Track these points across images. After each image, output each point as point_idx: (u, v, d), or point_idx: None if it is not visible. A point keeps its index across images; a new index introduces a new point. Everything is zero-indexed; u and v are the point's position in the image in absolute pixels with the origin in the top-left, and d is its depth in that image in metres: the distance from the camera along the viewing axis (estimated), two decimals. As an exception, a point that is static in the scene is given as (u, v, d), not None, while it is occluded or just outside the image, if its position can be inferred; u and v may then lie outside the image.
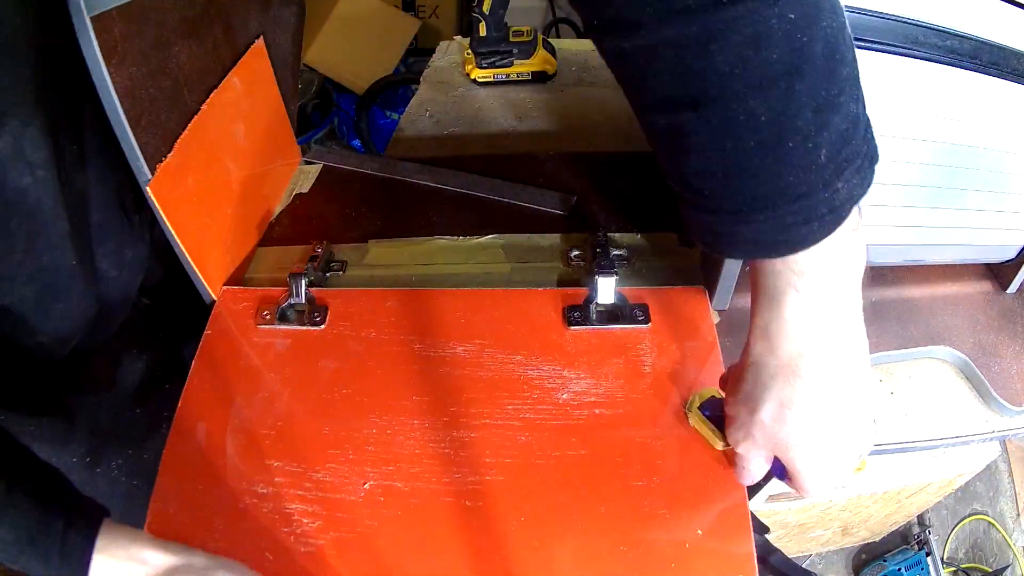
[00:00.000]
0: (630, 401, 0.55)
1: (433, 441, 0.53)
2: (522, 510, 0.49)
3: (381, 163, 0.92)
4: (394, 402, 0.56)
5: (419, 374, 0.57)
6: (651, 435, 0.53)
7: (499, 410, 0.55)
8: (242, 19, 0.68)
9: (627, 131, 1.02)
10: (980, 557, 1.16)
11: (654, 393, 0.56)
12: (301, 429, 0.54)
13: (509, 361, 0.58)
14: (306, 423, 0.54)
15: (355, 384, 0.57)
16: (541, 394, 0.56)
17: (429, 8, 2.25)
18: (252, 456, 0.52)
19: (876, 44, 0.50)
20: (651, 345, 0.60)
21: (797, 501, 0.86)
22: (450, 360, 0.58)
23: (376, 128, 1.98)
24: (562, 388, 0.56)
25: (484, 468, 0.51)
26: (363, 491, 0.50)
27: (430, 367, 0.58)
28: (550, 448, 0.52)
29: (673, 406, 0.55)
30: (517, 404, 0.55)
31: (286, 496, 0.50)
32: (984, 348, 0.68)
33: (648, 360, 0.58)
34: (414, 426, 0.54)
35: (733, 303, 0.70)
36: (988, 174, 0.61)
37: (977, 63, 0.53)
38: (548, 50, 1.14)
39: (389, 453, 0.52)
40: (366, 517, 0.49)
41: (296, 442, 0.53)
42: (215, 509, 0.50)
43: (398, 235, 0.81)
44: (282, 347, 0.60)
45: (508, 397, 0.56)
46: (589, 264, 0.69)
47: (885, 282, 0.74)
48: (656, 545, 0.48)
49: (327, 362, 0.59)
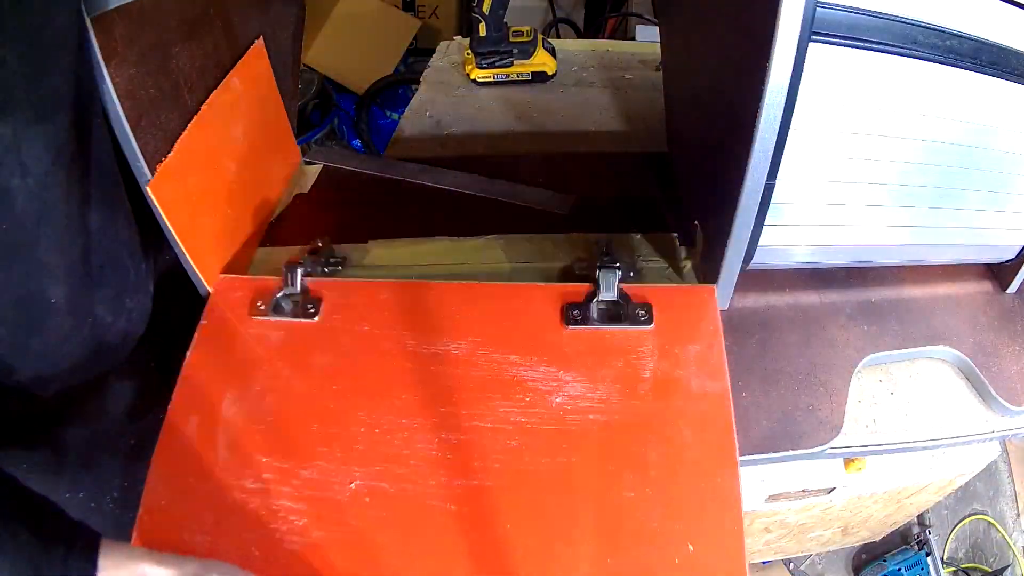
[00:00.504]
0: (627, 407, 0.54)
1: (422, 442, 0.53)
2: (508, 517, 0.48)
3: (381, 163, 0.92)
4: (385, 400, 0.55)
5: (411, 372, 0.57)
6: (646, 444, 0.52)
7: (490, 412, 0.54)
8: (242, 20, 0.68)
9: (627, 131, 1.02)
10: (980, 557, 1.16)
11: (653, 399, 0.55)
12: (291, 425, 0.54)
13: (503, 361, 0.57)
14: (296, 419, 0.54)
15: (346, 380, 0.57)
16: (534, 397, 0.55)
17: (429, 8, 2.25)
18: (242, 450, 0.52)
19: (876, 44, 0.50)
20: (653, 348, 0.58)
21: (797, 501, 0.86)
22: (443, 358, 0.58)
23: (376, 128, 1.98)
24: (556, 391, 0.55)
25: (472, 472, 0.51)
26: (349, 491, 0.50)
27: (422, 365, 0.57)
28: (540, 454, 0.52)
29: (672, 413, 0.54)
30: (509, 406, 0.54)
31: (274, 492, 0.50)
32: (984, 348, 0.68)
33: (649, 364, 0.57)
34: (403, 425, 0.54)
35: (733, 303, 0.70)
36: (988, 174, 0.61)
37: (977, 63, 0.53)
38: (548, 50, 1.14)
39: (377, 453, 0.52)
40: (352, 517, 0.49)
41: (286, 438, 0.53)
42: (205, 503, 0.50)
43: (398, 235, 0.81)
44: (275, 339, 0.60)
45: (500, 399, 0.55)
46: (591, 263, 0.68)
47: (885, 282, 0.74)
48: (645, 560, 0.47)
49: (319, 356, 0.58)
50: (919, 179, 0.60)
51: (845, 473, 0.81)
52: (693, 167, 0.77)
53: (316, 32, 2.03)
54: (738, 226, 0.58)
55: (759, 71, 0.48)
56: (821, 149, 0.56)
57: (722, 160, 0.62)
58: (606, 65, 1.19)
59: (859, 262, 0.72)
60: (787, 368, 0.66)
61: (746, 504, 0.83)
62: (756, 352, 0.67)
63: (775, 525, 0.95)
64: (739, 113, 0.53)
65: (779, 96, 0.49)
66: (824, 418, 0.62)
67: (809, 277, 0.74)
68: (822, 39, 0.49)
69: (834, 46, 0.50)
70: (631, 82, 1.13)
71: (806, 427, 0.61)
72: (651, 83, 1.12)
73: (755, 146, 0.51)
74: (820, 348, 0.67)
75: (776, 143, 0.52)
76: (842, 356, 0.67)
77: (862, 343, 0.68)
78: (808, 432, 0.61)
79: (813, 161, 0.57)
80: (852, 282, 0.74)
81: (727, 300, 0.69)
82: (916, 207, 0.63)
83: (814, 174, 0.58)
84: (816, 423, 0.61)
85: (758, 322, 0.69)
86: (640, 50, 1.24)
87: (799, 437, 0.61)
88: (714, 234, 0.66)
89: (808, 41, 0.47)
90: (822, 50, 0.49)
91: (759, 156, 0.52)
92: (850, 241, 0.65)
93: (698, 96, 0.70)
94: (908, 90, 0.53)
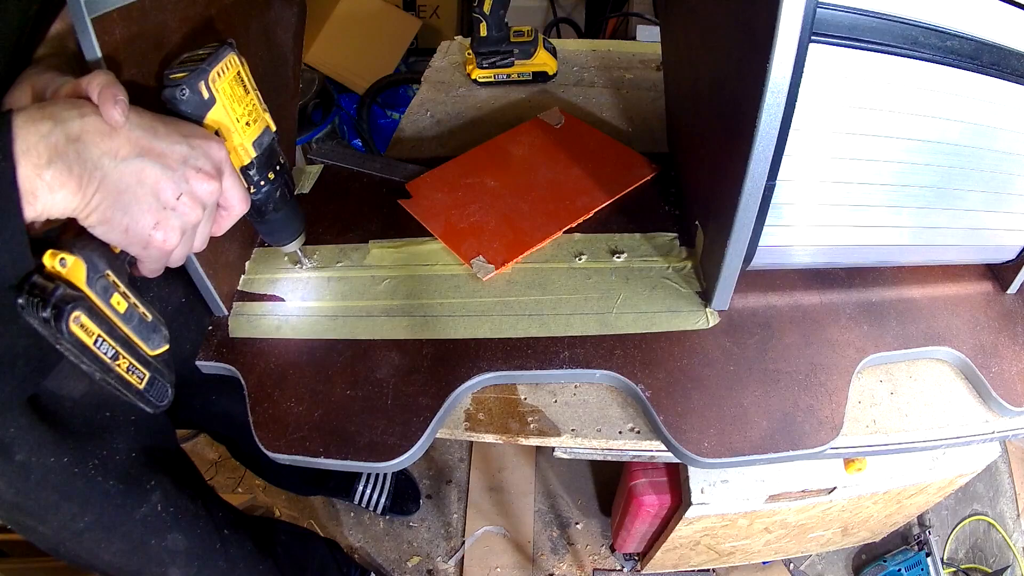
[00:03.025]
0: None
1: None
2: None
3: (382, 163, 0.92)
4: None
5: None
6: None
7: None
8: (243, 19, 0.68)
9: (627, 131, 1.02)
10: (980, 558, 1.16)
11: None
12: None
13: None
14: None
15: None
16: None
17: (430, 8, 2.25)
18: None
19: (876, 44, 0.50)
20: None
21: (797, 501, 0.86)
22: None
23: (376, 128, 1.98)
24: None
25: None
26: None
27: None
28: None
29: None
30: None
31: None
32: (984, 349, 0.68)
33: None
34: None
35: (733, 303, 0.70)
36: (988, 175, 0.61)
37: (977, 63, 0.53)
38: (549, 50, 1.14)
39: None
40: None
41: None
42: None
43: (398, 235, 0.81)
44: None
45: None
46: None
47: (885, 283, 0.74)
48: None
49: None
50: (919, 180, 0.60)
51: (845, 473, 0.81)
52: (693, 167, 0.77)
53: (317, 32, 2.03)
54: (738, 226, 0.58)
55: (759, 71, 0.48)
56: (821, 150, 0.56)
57: (722, 160, 0.62)
58: (607, 65, 1.19)
59: (859, 263, 0.72)
60: (787, 368, 0.66)
61: (746, 504, 0.83)
62: (756, 352, 0.67)
63: (775, 525, 0.95)
64: (739, 113, 0.53)
65: (779, 96, 0.49)
66: (824, 418, 0.62)
67: (810, 277, 0.74)
68: (822, 40, 0.49)
69: (834, 47, 0.50)
70: (632, 82, 1.13)
71: (806, 427, 0.61)
72: (651, 83, 1.12)
73: (755, 146, 0.51)
74: (820, 348, 0.67)
75: (776, 144, 0.52)
76: (842, 356, 0.67)
77: (862, 343, 0.68)
78: (808, 432, 0.61)
79: (813, 162, 0.57)
80: (853, 283, 0.74)
81: (727, 300, 0.69)
82: (916, 208, 0.63)
83: (814, 175, 0.58)
84: (816, 423, 0.62)
85: (758, 322, 0.70)
86: (641, 50, 1.24)
87: (799, 437, 0.61)
88: (714, 234, 0.66)
89: (808, 41, 0.47)
90: (822, 51, 0.49)
91: (759, 156, 0.52)
92: (850, 242, 0.65)
93: (698, 96, 0.70)
94: (908, 91, 0.53)
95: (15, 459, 0.55)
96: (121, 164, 0.43)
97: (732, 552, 1.08)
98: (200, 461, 1.46)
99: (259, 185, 0.58)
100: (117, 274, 0.46)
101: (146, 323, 0.48)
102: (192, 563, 0.72)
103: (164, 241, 0.46)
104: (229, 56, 0.52)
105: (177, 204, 0.46)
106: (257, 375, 0.67)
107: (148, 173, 0.44)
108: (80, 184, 0.40)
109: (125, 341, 0.46)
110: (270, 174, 0.58)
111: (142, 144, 0.44)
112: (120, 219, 0.43)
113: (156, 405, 0.50)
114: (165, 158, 0.45)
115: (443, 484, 1.43)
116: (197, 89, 0.49)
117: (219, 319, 0.72)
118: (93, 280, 0.44)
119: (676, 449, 0.61)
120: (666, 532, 0.97)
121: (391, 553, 1.34)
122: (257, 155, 0.56)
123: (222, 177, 0.50)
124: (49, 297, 0.40)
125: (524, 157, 0.91)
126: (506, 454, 1.46)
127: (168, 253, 0.48)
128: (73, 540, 0.63)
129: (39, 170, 0.39)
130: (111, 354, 0.45)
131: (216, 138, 0.50)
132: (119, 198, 0.43)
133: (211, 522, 0.75)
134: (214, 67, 0.50)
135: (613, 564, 1.30)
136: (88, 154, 0.41)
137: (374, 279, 0.76)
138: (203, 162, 0.47)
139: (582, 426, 0.64)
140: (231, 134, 0.53)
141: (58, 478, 0.59)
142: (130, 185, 0.43)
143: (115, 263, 0.46)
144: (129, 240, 0.45)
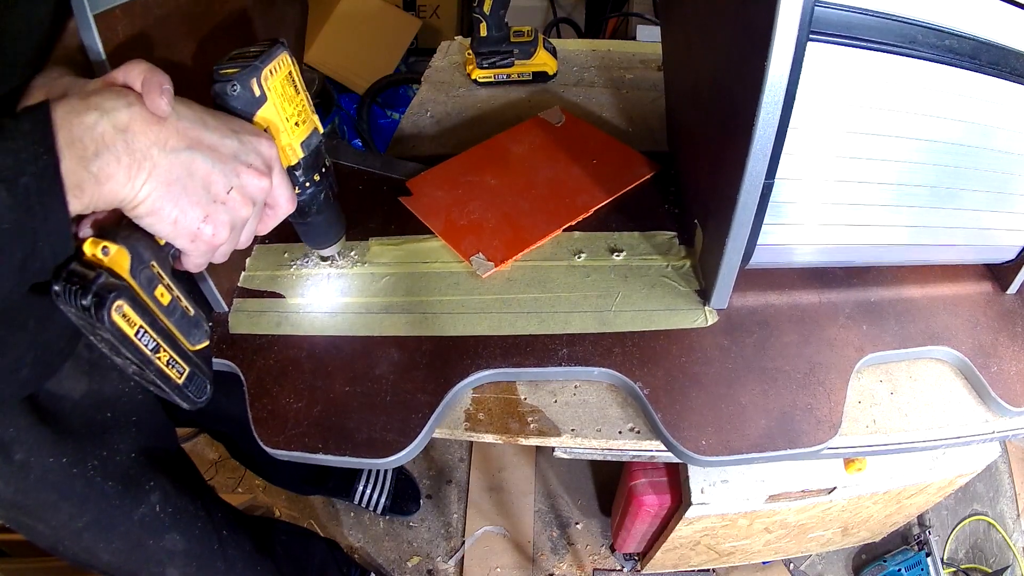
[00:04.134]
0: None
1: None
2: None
3: (382, 161, 0.92)
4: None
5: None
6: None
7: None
8: (244, 18, 0.68)
9: (627, 131, 1.02)
10: (980, 558, 1.16)
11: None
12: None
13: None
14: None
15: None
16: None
17: (430, 8, 2.26)
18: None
19: (876, 44, 0.50)
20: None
21: (797, 501, 0.86)
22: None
23: (376, 127, 1.98)
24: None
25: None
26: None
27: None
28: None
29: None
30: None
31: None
32: (984, 349, 0.68)
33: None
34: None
35: (732, 302, 0.70)
36: (987, 174, 0.61)
37: (976, 62, 0.53)
38: (549, 50, 1.14)
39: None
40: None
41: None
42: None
43: (399, 232, 0.81)
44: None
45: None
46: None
47: (885, 282, 0.74)
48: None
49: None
50: (918, 179, 0.60)
51: (845, 473, 0.81)
52: (693, 166, 0.77)
53: (317, 31, 2.03)
54: (737, 225, 0.58)
55: (758, 70, 0.48)
56: (820, 148, 0.56)
57: (721, 159, 0.62)
58: (607, 65, 1.19)
59: (858, 262, 0.72)
60: (786, 367, 0.66)
61: (746, 504, 0.83)
62: (755, 351, 0.67)
63: (775, 525, 0.95)
64: (738, 112, 0.53)
65: (778, 95, 0.49)
66: (823, 417, 0.62)
67: (808, 276, 0.74)
68: (821, 38, 0.49)
69: (833, 45, 0.50)
70: (632, 82, 1.14)
71: (804, 426, 0.61)
72: (651, 83, 1.12)
73: (754, 145, 0.52)
74: (819, 347, 0.67)
75: (775, 142, 0.52)
76: (841, 356, 0.67)
77: (861, 343, 0.68)
78: (806, 431, 0.61)
79: (812, 160, 0.57)
80: (852, 282, 0.74)
81: (726, 299, 0.69)
82: (915, 207, 0.63)
83: (813, 173, 0.58)
84: (815, 422, 0.62)
85: (757, 321, 0.70)
86: (641, 50, 1.24)
87: (797, 436, 0.61)
88: (713, 233, 0.67)
89: (807, 40, 0.47)
90: (821, 49, 0.49)
91: (758, 155, 0.52)
92: (849, 241, 0.65)
93: (698, 95, 0.70)
94: (907, 90, 0.54)
95: (14, 459, 0.56)
96: (171, 154, 0.42)
97: (732, 552, 1.08)
98: (200, 461, 1.46)
99: (304, 186, 0.57)
100: (161, 266, 0.44)
101: (188, 317, 0.47)
102: (190, 563, 0.72)
103: (213, 235, 0.45)
104: (282, 55, 0.50)
105: (228, 198, 0.45)
106: (257, 371, 0.67)
107: (199, 165, 0.43)
108: (129, 175, 0.39)
109: (167, 334, 0.45)
110: (316, 176, 0.57)
111: (191, 135, 0.43)
112: (170, 210, 0.42)
113: (195, 401, 0.49)
114: (216, 151, 0.44)
115: (443, 484, 1.43)
116: (248, 86, 0.48)
117: (219, 315, 0.72)
118: (137, 270, 0.42)
119: (674, 447, 0.61)
120: (666, 532, 0.97)
121: (391, 553, 1.34)
122: (304, 156, 0.55)
123: (272, 174, 0.49)
124: (90, 284, 0.39)
125: (524, 155, 0.91)
126: (506, 454, 1.46)
127: (215, 248, 0.46)
128: (72, 539, 0.63)
129: (85, 162, 0.37)
130: (152, 346, 0.44)
131: (267, 135, 0.49)
132: (169, 189, 0.42)
133: (210, 523, 0.75)
134: (267, 65, 0.49)
135: (613, 564, 1.30)
136: (137, 144, 0.40)
137: (374, 276, 0.76)
138: (254, 158, 0.47)
139: (582, 426, 0.64)
140: (280, 133, 0.52)
141: (57, 478, 0.59)
142: (180, 176, 0.42)
143: (160, 255, 0.45)
144: (177, 232, 0.44)
